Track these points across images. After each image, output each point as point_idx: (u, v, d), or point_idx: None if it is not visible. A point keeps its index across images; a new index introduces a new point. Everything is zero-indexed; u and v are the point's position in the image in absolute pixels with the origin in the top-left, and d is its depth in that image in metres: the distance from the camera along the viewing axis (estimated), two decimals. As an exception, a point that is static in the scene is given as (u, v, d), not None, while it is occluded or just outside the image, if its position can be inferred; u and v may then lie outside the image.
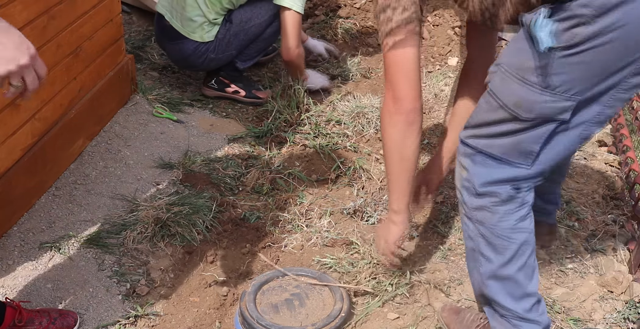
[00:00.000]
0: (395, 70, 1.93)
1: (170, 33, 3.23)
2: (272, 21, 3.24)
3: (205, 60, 3.26)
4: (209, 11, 3.13)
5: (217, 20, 3.17)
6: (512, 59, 1.72)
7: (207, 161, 2.90)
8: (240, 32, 3.21)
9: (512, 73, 1.69)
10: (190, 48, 3.21)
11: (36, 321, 1.96)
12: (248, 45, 3.29)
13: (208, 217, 2.54)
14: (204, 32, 3.17)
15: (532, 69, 1.65)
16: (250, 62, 3.41)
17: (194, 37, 3.18)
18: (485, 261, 1.88)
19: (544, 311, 1.91)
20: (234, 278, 2.38)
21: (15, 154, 2.34)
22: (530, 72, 1.65)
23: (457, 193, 1.91)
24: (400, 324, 2.16)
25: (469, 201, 1.86)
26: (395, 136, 1.96)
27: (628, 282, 2.27)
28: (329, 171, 2.91)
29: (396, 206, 2.08)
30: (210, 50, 3.22)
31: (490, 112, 1.77)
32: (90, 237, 2.38)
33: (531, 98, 1.67)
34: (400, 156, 1.99)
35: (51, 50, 2.45)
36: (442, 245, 2.49)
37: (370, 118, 3.24)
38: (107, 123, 2.97)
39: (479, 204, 1.83)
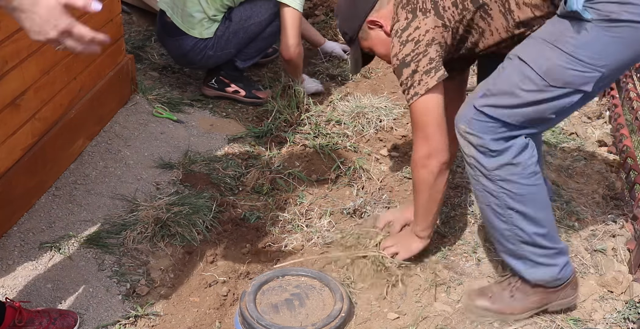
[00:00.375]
0: (427, 119, 2.01)
1: (170, 29, 3.24)
2: (272, 20, 3.23)
3: (204, 57, 3.26)
4: (209, 7, 3.13)
5: (216, 17, 3.17)
6: (549, 28, 1.83)
7: (207, 161, 2.90)
8: (239, 30, 3.21)
9: (548, 41, 1.80)
10: (189, 44, 3.22)
11: (36, 321, 1.96)
12: (247, 44, 3.29)
13: (208, 217, 2.54)
14: (203, 28, 3.18)
15: (568, 38, 1.77)
16: (250, 62, 3.40)
17: (193, 33, 3.19)
18: (515, 213, 1.97)
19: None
20: (234, 278, 2.38)
21: (15, 154, 2.34)
22: (566, 41, 1.77)
23: (470, 160, 1.97)
24: (400, 324, 2.16)
25: (488, 164, 1.93)
26: (428, 179, 2.09)
27: (628, 282, 2.27)
28: (329, 171, 2.91)
29: (422, 233, 2.27)
30: (209, 47, 3.22)
31: (517, 81, 1.84)
32: (90, 237, 2.38)
33: (563, 65, 1.78)
34: (429, 194, 2.13)
35: (51, 50, 2.45)
36: (442, 245, 2.49)
37: (370, 118, 3.25)
38: (107, 123, 2.97)
39: (500, 162, 1.91)
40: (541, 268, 2.05)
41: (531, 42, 1.86)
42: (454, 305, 2.23)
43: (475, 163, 1.96)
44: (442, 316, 2.18)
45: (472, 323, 2.15)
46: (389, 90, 3.65)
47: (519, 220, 1.98)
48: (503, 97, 1.87)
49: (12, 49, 2.19)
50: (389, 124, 3.25)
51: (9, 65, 2.20)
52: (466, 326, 2.15)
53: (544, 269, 2.05)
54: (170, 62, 3.69)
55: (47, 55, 2.43)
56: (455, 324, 2.16)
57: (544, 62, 1.80)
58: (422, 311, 2.20)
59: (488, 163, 1.93)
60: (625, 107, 3.22)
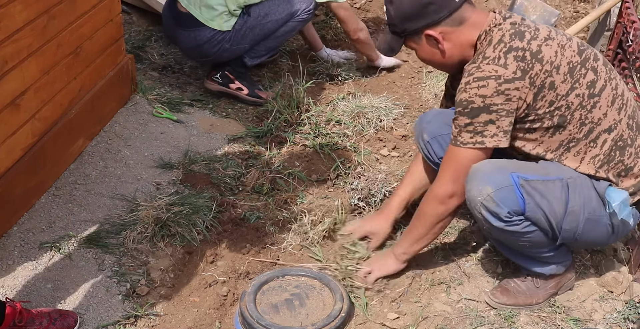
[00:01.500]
0: (467, 167, 2.03)
1: (185, 20, 3.23)
2: (288, 20, 3.29)
3: (219, 50, 3.28)
4: (231, 1, 3.17)
5: (236, 12, 3.21)
6: (586, 184, 2.02)
7: (207, 161, 2.89)
8: (256, 26, 3.26)
9: (585, 192, 1.99)
10: (207, 36, 3.23)
11: (36, 321, 1.96)
12: (261, 41, 3.34)
13: (208, 217, 2.54)
14: (222, 21, 3.20)
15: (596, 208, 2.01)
16: (257, 60, 3.45)
17: (213, 25, 3.20)
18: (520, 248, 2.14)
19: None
20: (234, 278, 2.38)
21: (15, 154, 2.34)
22: (594, 208, 2.01)
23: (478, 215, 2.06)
24: (400, 324, 2.16)
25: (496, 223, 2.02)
26: (441, 215, 2.15)
27: (628, 282, 2.27)
28: (328, 171, 2.91)
29: (402, 257, 2.30)
30: (226, 41, 3.25)
31: (558, 197, 1.98)
32: (90, 237, 2.38)
33: (577, 222, 2.00)
34: (433, 228, 2.19)
35: (51, 50, 2.45)
36: (442, 245, 2.49)
37: (370, 118, 3.24)
38: (107, 123, 2.97)
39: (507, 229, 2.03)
40: (552, 265, 2.19)
41: (577, 180, 2.00)
42: (454, 305, 2.23)
43: (483, 219, 2.04)
44: (442, 316, 2.18)
45: (471, 323, 2.15)
46: (389, 90, 3.65)
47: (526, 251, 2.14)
48: (540, 198, 1.97)
49: (12, 49, 2.19)
50: (389, 124, 3.25)
51: (9, 65, 2.20)
52: (466, 326, 2.15)
53: (556, 265, 2.20)
54: (170, 62, 3.69)
55: (47, 55, 2.43)
56: (455, 324, 2.16)
57: (575, 204, 1.98)
58: (422, 311, 2.20)
59: (500, 226, 2.02)
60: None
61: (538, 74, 1.93)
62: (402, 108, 3.40)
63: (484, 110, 1.93)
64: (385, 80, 3.77)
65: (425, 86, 3.68)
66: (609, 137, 2.00)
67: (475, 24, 2.02)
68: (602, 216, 2.02)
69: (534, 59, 1.92)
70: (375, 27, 4.23)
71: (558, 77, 1.94)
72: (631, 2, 3.23)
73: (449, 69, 2.19)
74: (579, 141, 2.00)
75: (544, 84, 1.93)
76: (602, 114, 1.99)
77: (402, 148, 3.15)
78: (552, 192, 1.97)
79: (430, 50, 2.09)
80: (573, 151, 2.02)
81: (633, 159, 2.03)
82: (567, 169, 2.03)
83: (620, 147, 2.02)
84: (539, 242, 2.07)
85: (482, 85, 1.92)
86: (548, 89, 1.94)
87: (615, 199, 1.98)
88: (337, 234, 2.51)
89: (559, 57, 1.95)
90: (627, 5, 3.16)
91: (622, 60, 3.03)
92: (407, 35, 2.10)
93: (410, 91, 3.66)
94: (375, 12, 4.31)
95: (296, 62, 3.69)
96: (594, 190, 2.01)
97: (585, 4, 4.71)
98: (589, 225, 2.01)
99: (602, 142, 2.00)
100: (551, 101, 1.95)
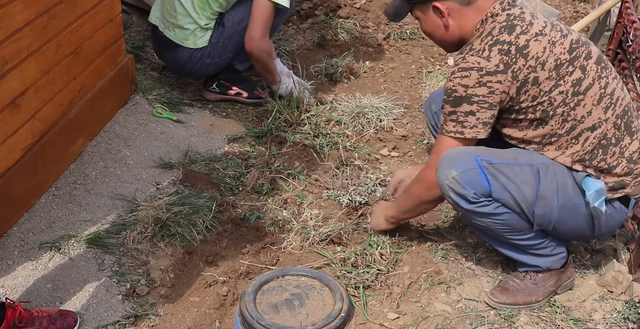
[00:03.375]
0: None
1: (165, 42, 3.23)
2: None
3: (203, 66, 3.25)
4: (199, 17, 3.11)
5: (208, 25, 3.15)
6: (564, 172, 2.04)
7: (207, 161, 2.89)
8: (234, 34, 3.17)
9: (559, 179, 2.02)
10: (186, 55, 3.20)
11: (36, 321, 1.96)
12: (243, 46, 3.23)
13: (208, 217, 2.54)
14: (197, 38, 3.16)
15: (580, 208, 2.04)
16: (248, 63, 3.38)
17: (187, 44, 3.17)
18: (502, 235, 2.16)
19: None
20: (234, 278, 2.38)
21: (15, 154, 2.34)
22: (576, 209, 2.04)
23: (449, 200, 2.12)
24: (400, 324, 2.16)
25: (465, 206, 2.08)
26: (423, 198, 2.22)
27: (628, 282, 2.27)
28: (328, 171, 2.91)
29: (391, 219, 2.44)
30: (206, 56, 3.21)
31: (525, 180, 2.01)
32: (90, 237, 2.38)
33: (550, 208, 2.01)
34: (418, 206, 2.29)
35: (51, 50, 2.45)
36: (442, 245, 2.49)
37: (370, 118, 3.24)
38: (107, 123, 2.97)
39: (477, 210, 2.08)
40: (546, 258, 2.21)
41: (551, 167, 2.03)
42: (454, 305, 2.23)
43: (454, 203, 2.11)
44: (442, 316, 2.18)
45: (471, 323, 2.15)
46: (389, 90, 3.65)
47: (509, 237, 2.15)
48: (506, 180, 2.01)
49: (12, 49, 2.19)
50: (389, 124, 3.26)
51: (9, 65, 2.20)
52: (466, 326, 2.15)
53: (550, 258, 2.21)
54: (170, 62, 3.69)
55: (47, 55, 2.43)
56: (455, 324, 2.16)
57: (547, 190, 2.01)
58: (422, 311, 2.20)
59: (470, 208, 2.07)
60: (625, 107, 3.22)
61: (521, 68, 1.96)
62: (402, 108, 3.40)
63: (466, 100, 2.00)
64: (386, 80, 3.77)
65: (425, 86, 3.68)
66: (591, 135, 2.02)
67: (480, 8, 2.06)
68: (579, 205, 2.04)
69: (518, 53, 1.96)
70: (375, 27, 4.23)
71: (543, 73, 1.97)
72: (631, 2, 3.23)
73: (447, 45, 2.22)
74: (561, 137, 2.03)
75: (527, 78, 1.97)
76: (586, 112, 2.01)
77: (402, 148, 3.15)
78: (519, 175, 2.02)
79: (434, 22, 2.13)
80: (555, 145, 2.05)
81: (616, 158, 2.04)
82: (542, 156, 2.07)
83: (603, 146, 2.03)
84: (517, 226, 2.09)
85: (465, 75, 1.98)
86: (531, 84, 1.97)
87: (590, 187, 2.00)
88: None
89: (547, 54, 1.97)
90: (627, 5, 3.16)
91: (622, 60, 3.03)
92: (416, 3, 2.14)
93: (410, 91, 3.67)
94: (375, 12, 4.31)
95: (296, 62, 3.69)
96: (570, 179, 2.04)
97: (585, 4, 4.71)
98: (566, 213, 2.04)
99: (584, 140, 2.02)
100: (534, 95, 1.99)
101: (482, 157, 2.03)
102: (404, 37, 4.17)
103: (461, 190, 2.03)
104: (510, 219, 2.07)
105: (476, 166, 2.02)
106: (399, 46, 4.10)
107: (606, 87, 2.03)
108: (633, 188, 2.07)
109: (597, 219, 2.06)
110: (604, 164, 2.04)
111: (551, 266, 2.21)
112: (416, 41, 4.14)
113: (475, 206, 2.05)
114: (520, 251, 2.20)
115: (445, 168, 2.05)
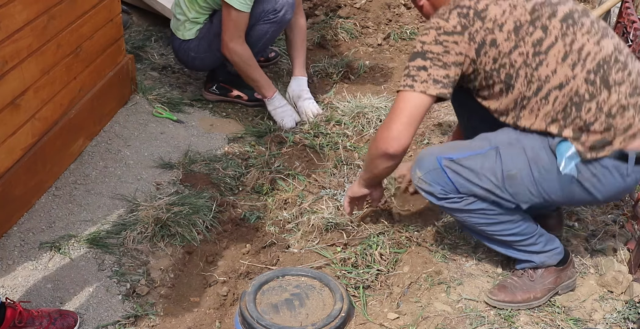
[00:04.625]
0: (400, 111, 2.09)
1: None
2: (254, 24, 3.13)
3: (189, 58, 3.29)
4: (188, 10, 3.16)
5: (198, 20, 3.18)
6: (537, 143, 2.03)
7: (207, 161, 2.89)
8: (220, 32, 3.12)
9: (528, 155, 2.02)
10: (176, 44, 3.30)
11: (36, 321, 1.96)
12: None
13: (208, 217, 2.54)
14: (185, 30, 3.21)
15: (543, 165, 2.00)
16: None
17: (178, 34, 3.25)
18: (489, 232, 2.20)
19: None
20: (234, 278, 2.38)
21: (15, 154, 2.34)
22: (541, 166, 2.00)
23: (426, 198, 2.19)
24: (400, 324, 2.16)
25: (440, 204, 2.15)
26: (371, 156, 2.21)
27: (628, 282, 2.27)
28: (328, 171, 2.91)
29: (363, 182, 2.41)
30: (191, 49, 3.24)
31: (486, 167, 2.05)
32: (90, 237, 2.38)
33: (523, 182, 2.02)
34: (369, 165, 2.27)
35: (51, 50, 2.45)
36: (442, 245, 2.49)
37: (370, 118, 3.25)
38: (107, 123, 2.97)
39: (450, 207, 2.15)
40: (539, 254, 2.22)
41: (516, 144, 2.05)
42: (454, 305, 2.23)
43: (430, 202, 2.19)
44: (442, 316, 2.18)
45: (471, 323, 2.15)
46: (389, 90, 3.65)
47: (490, 233, 2.19)
48: (468, 173, 2.07)
49: (12, 49, 2.19)
50: (389, 124, 3.25)
51: (9, 65, 2.20)
52: (466, 326, 2.15)
53: (543, 254, 2.22)
54: (170, 62, 3.69)
55: (47, 55, 2.43)
56: (455, 324, 2.16)
57: (513, 168, 2.02)
58: (422, 311, 2.20)
59: (440, 203, 2.15)
60: (625, 107, 3.22)
61: (478, 30, 1.99)
62: (402, 108, 3.40)
63: (420, 55, 2.03)
64: (386, 80, 3.77)
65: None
66: (560, 94, 2.00)
67: None
68: (559, 173, 2.01)
69: (476, 16, 2.00)
70: (375, 27, 4.23)
71: (500, 35, 1.99)
72: (631, 2, 3.23)
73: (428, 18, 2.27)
74: (530, 99, 2.03)
75: (484, 40, 1.99)
76: (551, 71, 1.99)
77: (402, 148, 3.14)
78: (482, 164, 2.05)
79: (418, 5, 2.25)
80: (527, 109, 2.05)
81: (593, 114, 1.98)
82: (512, 133, 2.08)
83: (576, 104, 1.99)
84: (498, 219, 2.12)
85: (425, 33, 2.05)
86: (489, 46, 2.00)
87: (562, 153, 1.99)
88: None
89: (506, 16, 1.99)
90: (627, 5, 3.16)
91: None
92: None
93: (410, 91, 3.66)
94: (375, 12, 4.31)
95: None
96: (545, 149, 2.02)
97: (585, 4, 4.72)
98: (551, 184, 2.02)
99: (554, 100, 2.00)
100: (494, 57, 2.00)
101: (445, 155, 2.09)
102: (404, 37, 4.17)
103: (429, 188, 2.13)
104: (488, 213, 2.11)
105: (438, 166, 2.09)
106: (399, 46, 4.10)
107: (572, 43, 2.00)
108: (624, 143, 1.98)
109: (587, 182, 2.00)
110: (580, 122, 1.98)
111: (546, 262, 2.21)
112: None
113: (445, 202, 2.12)
114: (508, 246, 2.22)
115: (414, 169, 2.16)
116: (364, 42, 4.09)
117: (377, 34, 4.16)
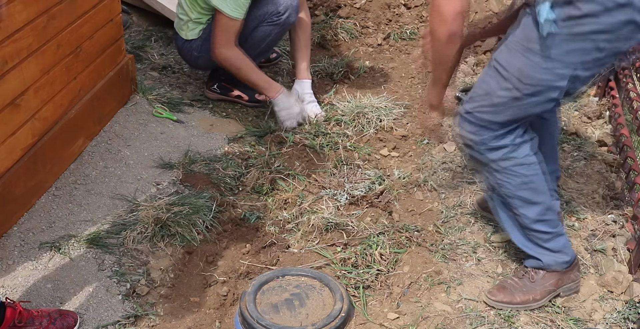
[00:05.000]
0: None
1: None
2: (257, 25, 3.13)
3: (192, 57, 3.29)
4: (190, 10, 3.15)
5: (200, 20, 3.17)
6: (518, 32, 1.96)
7: (207, 161, 2.89)
8: None
9: (517, 43, 1.94)
10: (179, 43, 3.29)
11: (36, 321, 1.96)
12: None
13: (208, 217, 2.54)
14: (188, 30, 3.21)
15: (535, 39, 1.89)
16: None
17: (181, 34, 3.25)
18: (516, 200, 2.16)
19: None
20: (234, 278, 2.38)
21: (15, 154, 2.34)
22: (534, 42, 1.90)
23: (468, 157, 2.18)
24: (400, 324, 2.17)
25: (483, 159, 2.12)
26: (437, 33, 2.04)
27: (628, 282, 2.27)
28: (328, 171, 2.91)
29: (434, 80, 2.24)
30: (194, 49, 3.24)
31: (495, 82, 1.99)
32: (90, 237, 2.38)
33: (534, 65, 1.91)
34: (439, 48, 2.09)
35: (51, 50, 2.45)
36: (442, 245, 2.49)
37: (370, 118, 3.25)
38: (107, 123, 2.97)
39: (493, 158, 2.10)
40: (553, 254, 2.21)
41: (506, 45, 1.99)
42: (454, 305, 2.23)
43: (473, 159, 2.17)
44: (442, 316, 2.18)
45: (471, 323, 2.15)
46: (389, 90, 3.65)
47: (521, 207, 2.15)
48: (484, 99, 2.03)
49: (12, 49, 2.20)
50: (389, 124, 3.26)
51: (9, 65, 2.20)
52: (466, 326, 2.15)
53: (556, 254, 2.21)
54: (170, 62, 3.69)
55: (47, 55, 2.43)
56: (455, 324, 2.16)
57: (516, 62, 1.95)
58: (422, 311, 2.20)
59: (483, 158, 2.12)
60: (625, 107, 3.22)
61: None
62: (402, 108, 3.40)
63: None
64: (386, 80, 3.77)
65: (425, 85, 3.68)
66: None
67: None
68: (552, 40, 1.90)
69: None
70: (375, 27, 4.23)
71: None
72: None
73: None
74: None
75: None
76: None
77: (402, 148, 3.15)
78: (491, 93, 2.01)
79: None
80: None
81: None
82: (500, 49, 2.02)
83: None
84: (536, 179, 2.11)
85: None
86: None
87: (542, 15, 1.87)
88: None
89: None
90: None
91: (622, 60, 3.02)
92: None
93: (410, 91, 3.67)
94: (375, 12, 4.31)
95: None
96: (532, 28, 1.91)
97: (585, 4, 4.71)
98: (553, 51, 1.90)
99: None
100: None
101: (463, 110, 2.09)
102: (404, 37, 4.17)
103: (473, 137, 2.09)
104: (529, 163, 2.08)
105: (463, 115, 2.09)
106: (399, 46, 4.10)
107: None
108: None
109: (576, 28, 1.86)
110: None
111: (552, 266, 2.21)
112: (416, 41, 4.14)
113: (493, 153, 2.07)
114: (525, 235, 2.21)
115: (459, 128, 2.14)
116: (364, 42, 4.09)
117: (377, 34, 4.16)
